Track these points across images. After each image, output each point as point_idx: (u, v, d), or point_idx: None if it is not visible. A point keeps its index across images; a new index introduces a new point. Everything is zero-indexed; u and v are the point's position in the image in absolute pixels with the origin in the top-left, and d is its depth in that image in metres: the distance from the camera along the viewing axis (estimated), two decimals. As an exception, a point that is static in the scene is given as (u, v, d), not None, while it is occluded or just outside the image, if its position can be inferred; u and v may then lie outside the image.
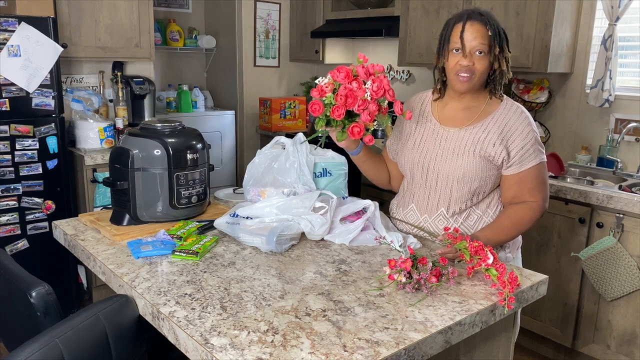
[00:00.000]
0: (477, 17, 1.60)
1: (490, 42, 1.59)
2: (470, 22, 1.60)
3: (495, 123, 1.66)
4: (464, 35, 1.59)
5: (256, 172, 1.94)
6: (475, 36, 1.58)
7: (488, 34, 1.59)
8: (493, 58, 1.61)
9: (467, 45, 1.59)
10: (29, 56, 2.81)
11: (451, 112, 1.73)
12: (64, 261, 3.06)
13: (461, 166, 1.65)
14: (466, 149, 1.67)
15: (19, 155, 2.85)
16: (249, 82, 4.41)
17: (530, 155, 1.65)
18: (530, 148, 1.65)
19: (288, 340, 1.11)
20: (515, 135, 1.64)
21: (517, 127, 1.65)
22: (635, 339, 2.44)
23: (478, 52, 1.59)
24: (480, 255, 1.42)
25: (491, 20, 1.61)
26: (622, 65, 2.93)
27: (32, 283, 1.34)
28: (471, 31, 1.59)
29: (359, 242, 1.68)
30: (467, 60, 1.60)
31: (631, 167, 2.89)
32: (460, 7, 3.15)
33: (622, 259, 2.38)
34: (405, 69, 3.99)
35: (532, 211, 1.67)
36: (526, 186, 1.66)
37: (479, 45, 1.58)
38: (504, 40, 1.62)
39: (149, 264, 1.51)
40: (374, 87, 1.47)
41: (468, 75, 1.61)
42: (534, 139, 1.66)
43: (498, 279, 1.37)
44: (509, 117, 1.66)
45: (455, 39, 1.61)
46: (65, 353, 1.17)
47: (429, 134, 1.74)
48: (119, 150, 1.78)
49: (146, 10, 3.43)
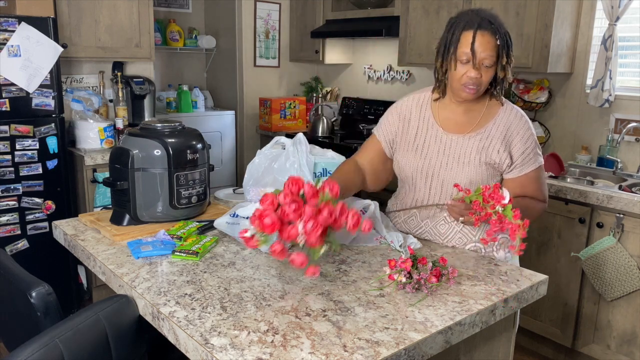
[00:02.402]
0: (487, 26, 1.54)
1: (499, 53, 1.55)
2: (480, 32, 1.53)
3: (498, 129, 1.66)
4: (474, 46, 1.53)
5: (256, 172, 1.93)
6: (485, 48, 1.53)
7: (497, 44, 1.54)
8: (500, 68, 1.57)
9: (477, 57, 1.54)
10: (29, 56, 2.81)
11: (451, 115, 1.71)
12: (64, 261, 3.06)
13: (467, 175, 1.65)
14: (472, 157, 1.66)
15: (19, 155, 2.85)
16: (249, 82, 4.41)
17: (531, 159, 1.67)
18: (531, 152, 1.66)
19: (288, 340, 1.11)
20: (517, 139, 1.65)
21: (518, 131, 1.66)
22: (635, 339, 2.44)
23: (485, 64, 1.55)
24: (494, 198, 1.39)
25: (500, 29, 1.55)
26: (622, 65, 2.93)
27: (32, 283, 1.34)
28: (481, 42, 1.53)
29: (359, 242, 1.68)
30: (475, 72, 1.56)
31: (631, 167, 2.89)
32: (460, 7, 3.15)
33: (622, 259, 2.38)
34: (405, 69, 3.99)
35: (537, 204, 1.70)
36: (529, 188, 1.68)
37: (487, 58, 1.54)
38: (510, 48, 1.58)
39: (149, 264, 1.51)
40: (307, 227, 1.25)
41: (475, 87, 1.58)
42: (534, 143, 1.68)
43: (514, 218, 1.36)
44: (510, 121, 1.67)
45: (465, 49, 1.54)
46: (65, 353, 1.17)
47: (432, 140, 1.71)
48: (119, 151, 1.78)
49: (146, 10, 3.43)
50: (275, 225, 1.25)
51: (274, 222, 1.24)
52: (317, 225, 1.24)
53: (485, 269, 1.53)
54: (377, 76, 4.22)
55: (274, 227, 1.25)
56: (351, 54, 4.41)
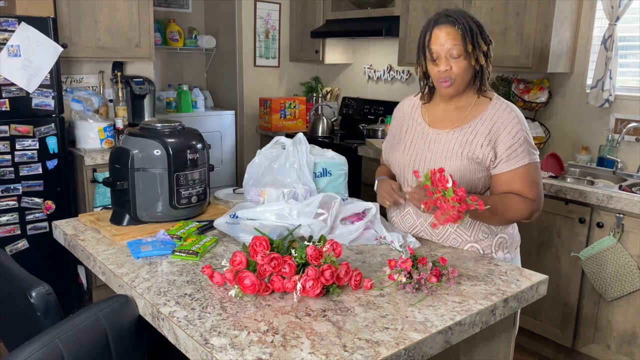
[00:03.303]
0: (444, 20, 1.59)
1: (463, 42, 1.57)
2: (437, 27, 1.59)
3: (484, 124, 1.65)
4: (435, 42, 1.59)
5: (256, 172, 1.94)
6: (446, 39, 1.57)
7: (458, 34, 1.57)
8: (471, 56, 1.59)
9: (441, 50, 1.59)
10: (29, 56, 2.81)
11: (442, 114, 1.73)
12: (64, 261, 3.06)
13: (451, 169, 1.63)
14: (454, 151, 1.66)
15: (19, 155, 2.85)
16: (249, 82, 4.41)
17: (518, 155, 1.62)
18: (518, 148, 1.62)
19: (288, 340, 1.11)
20: (504, 134, 1.62)
21: (505, 126, 1.63)
22: (635, 339, 2.44)
23: (453, 55, 1.58)
24: (441, 182, 1.43)
25: (460, 19, 1.58)
26: (622, 65, 2.92)
27: (32, 283, 1.34)
28: (440, 36, 1.58)
29: (359, 242, 1.68)
30: (443, 66, 1.60)
31: (631, 167, 2.89)
32: (460, 7, 3.15)
33: (622, 259, 2.38)
34: (405, 69, 3.99)
35: (522, 201, 1.63)
36: (514, 185, 1.63)
37: (452, 48, 1.57)
38: (477, 35, 1.59)
39: (149, 264, 1.51)
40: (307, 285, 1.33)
41: (449, 81, 1.62)
42: (523, 139, 1.63)
43: (452, 199, 1.39)
44: (497, 116, 1.65)
45: (430, 46, 1.61)
46: (65, 353, 1.17)
47: (418, 136, 1.75)
48: (119, 150, 1.78)
49: (146, 10, 3.43)
50: (255, 286, 1.30)
51: (254, 284, 1.30)
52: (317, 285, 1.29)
53: (485, 269, 1.53)
54: (377, 76, 4.22)
55: (254, 288, 1.30)
56: (351, 54, 4.41)
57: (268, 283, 1.33)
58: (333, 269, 1.32)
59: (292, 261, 1.33)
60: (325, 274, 1.30)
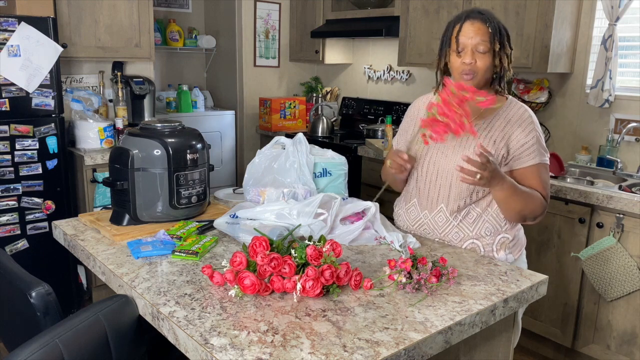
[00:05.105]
0: (476, 15, 1.63)
1: (491, 39, 1.61)
2: (469, 21, 1.63)
3: (498, 120, 1.69)
4: (465, 34, 1.62)
5: (256, 172, 1.94)
6: (476, 33, 1.61)
7: (488, 32, 1.61)
8: (495, 55, 1.62)
9: (469, 43, 1.62)
10: (28, 56, 2.81)
11: None
12: (64, 261, 3.06)
13: (460, 162, 1.66)
14: (467, 145, 1.68)
15: (18, 155, 2.85)
16: (249, 82, 4.41)
17: (530, 154, 1.67)
18: (530, 147, 1.66)
19: (288, 340, 1.11)
20: (518, 132, 1.67)
21: (520, 124, 1.67)
22: (635, 339, 2.44)
23: (479, 50, 1.61)
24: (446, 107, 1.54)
25: (491, 18, 1.63)
26: (622, 65, 2.92)
27: (32, 283, 1.34)
28: (471, 29, 1.62)
29: (359, 242, 1.68)
30: (469, 59, 1.62)
31: (631, 167, 2.89)
32: (460, 7, 3.15)
33: (622, 259, 2.38)
34: (405, 69, 3.99)
35: (541, 198, 1.68)
36: (525, 183, 1.68)
37: (480, 43, 1.61)
38: (505, 37, 1.64)
39: (148, 264, 1.51)
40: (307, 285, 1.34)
41: (471, 74, 1.64)
42: (536, 139, 1.67)
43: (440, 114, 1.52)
44: (512, 113, 1.69)
45: (458, 38, 1.63)
46: (65, 353, 1.17)
47: None
48: (118, 150, 1.78)
49: (146, 10, 3.42)
50: (255, 286, 1.30)
51: (254, 284, 1.30)
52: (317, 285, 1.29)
53: (485, 269, 1.53)
54: (377, 76, 4.22)
55: (254, 288, 1.30)
56: (351, 54, 4.41)
57: (268, 283, 1.33)
58: (333, 269, 1.32)
59: (292, 261, 1.33)
60: (325, 274, 1.30)
